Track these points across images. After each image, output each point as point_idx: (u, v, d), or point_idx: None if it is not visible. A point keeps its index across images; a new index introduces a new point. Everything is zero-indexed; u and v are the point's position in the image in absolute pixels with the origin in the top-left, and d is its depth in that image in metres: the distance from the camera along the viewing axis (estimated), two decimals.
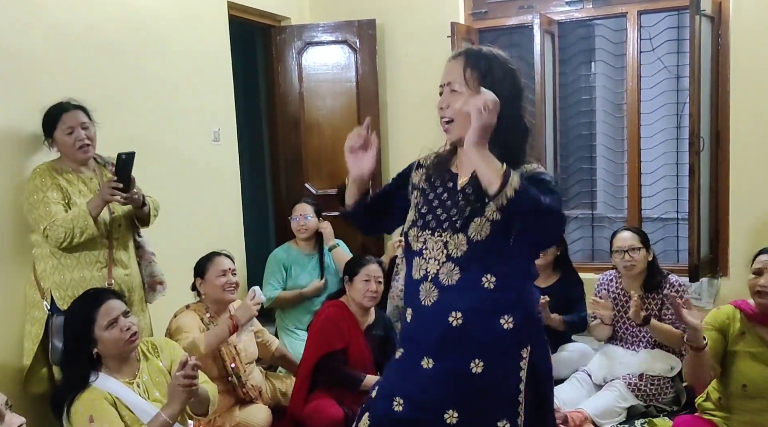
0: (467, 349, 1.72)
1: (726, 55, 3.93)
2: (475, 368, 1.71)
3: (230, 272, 3.00)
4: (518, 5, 4.48)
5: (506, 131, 1.69)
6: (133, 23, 3.41)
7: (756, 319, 2.42)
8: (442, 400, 1.74)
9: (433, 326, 1.75)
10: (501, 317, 1.71)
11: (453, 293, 1.72)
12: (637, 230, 3.40)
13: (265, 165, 5.21)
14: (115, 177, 2.67)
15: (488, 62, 1.72)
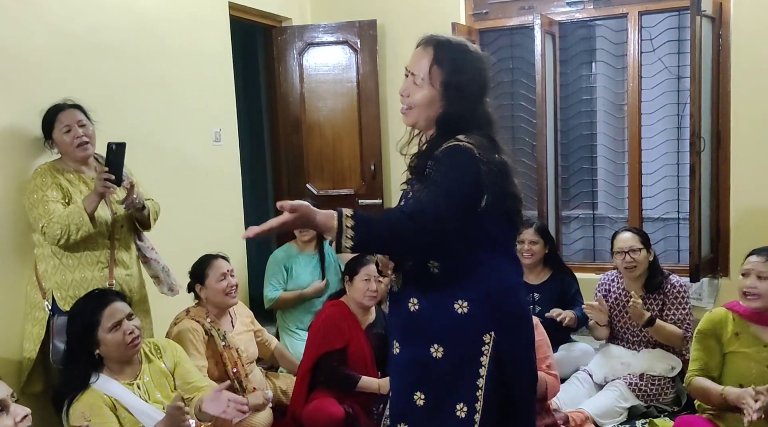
0: (426, 334, 1.77)
1: (727, 55, 3.93)
2: (435, 352, 1.76)
3: (229, 274, 3.00)
4: (519, 6, 4.49)
5: (449, 123, 1.74)
6: (134, 24, 3.42)
7: (749, 318, 2.44)
8: (410, 382, 1.80)
9: (398, 312, 1.83)
10: (455, 302, 1.74)
11: (409, 278, 1.80)
12: (637, 231, 3.41)
13: (266, 166, 5.21)
14: (106, 168, 2.65)
15: (456, 60, 1.74)
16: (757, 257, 2.44)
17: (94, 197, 2.64)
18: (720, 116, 3.98)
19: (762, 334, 2.41)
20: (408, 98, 1.79)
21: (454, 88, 1.73)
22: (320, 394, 2.92)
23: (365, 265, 3.02)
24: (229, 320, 3.09)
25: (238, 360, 2.95)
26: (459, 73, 1.74)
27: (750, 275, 2.40)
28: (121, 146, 2.67)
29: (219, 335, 2.94)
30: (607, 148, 4.81)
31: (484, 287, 1.75)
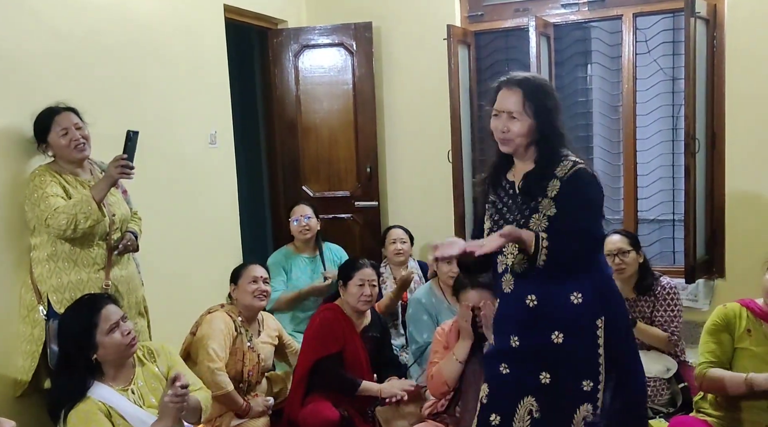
0: (545, 324, 2.08)
1: (721, 57, 3.94)
2: (556, 338, 2.08)
3: (261, 280, 3.09)
4: (514, 8, 4.50)
5: (548, 141, 2.10)
6: (130, 27, 3.42)
7: (764, 317, 2.43)
8: (534, 366, 2.10)
9: (515, 309, 2.13)
10: (570, 294, 2.06)
11: (525, 278, 2.10)
12: (626, 233, 3.40)
13: (262, 168, 5.21)
14: (125, 154, 2.67)
15: (540, 95, 2.10)
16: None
17: (104, 185, 2.64)
18: (715, 118, 3.99)
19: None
20: (509, 133, 2.10)
21: (545, 114, 2.09)
22: (316, 397, 2.92)
23: (359, 269, 3.01)
24: (257, 329, 3.15)
25: (256, 365, 3.02)
26: (546, 101, 2.10)
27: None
28: (136, 135, 2.72)
29: (246, 336, 2.99)
30: (603, 150, 4.82)
31: (591, 278, 2.09)
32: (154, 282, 3.19)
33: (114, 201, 2.85)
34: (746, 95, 3.86)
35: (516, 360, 2.15)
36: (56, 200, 2.61)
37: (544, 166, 2.10)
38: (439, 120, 4.44)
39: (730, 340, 2.45)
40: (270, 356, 3.20)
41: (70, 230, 2.57)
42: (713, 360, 2.46)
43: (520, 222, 2.10)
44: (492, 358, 2.25)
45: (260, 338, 3.13)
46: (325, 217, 4.59)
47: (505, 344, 2.16)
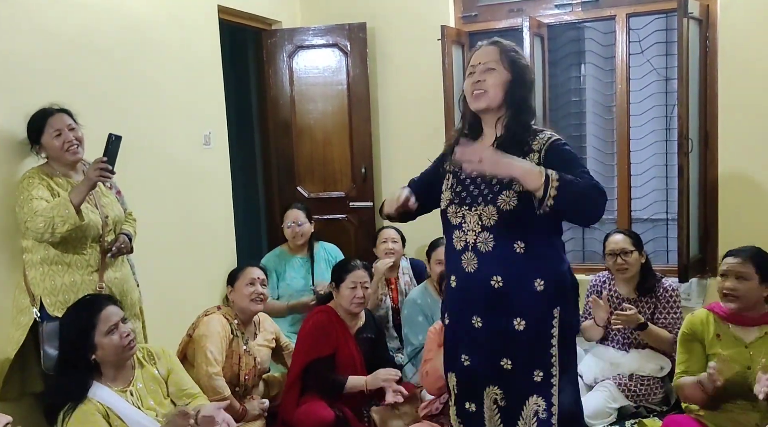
0: (509, 308, 2.02)
1: (714, 57, 3.95)
2: (518, 325, 2.02)
3: (259, 282, 3.07)
4: (508, 8, 4.51)
5: (521, 106, 2.04)
6: (124, 27, 3.42)
7: (729, 319, 2.45)
8: (495, 350, 2.05)
9: (478, 289, 2.04)
10: (534, 281, 2.00)
11: (491, 258, 2.01)
12: (629, 233, 3.42)
13: (256, 168, 5.21)
14: (105, 157, 2.62)
15: (517, 55, 2.06)
16: (734, 258, 2.46)
17: (83, 188, 2.58)
18: (708, 118, 4.01)
19: (742, 334, 2.44)
20: (483, 83, 2.02)
21: (521, 70, 2.04)
22: (310, 398, 2.92)
23: (351, 271, 3.01)
24: (253, 331, 3.14)
25: (253, 368, 3.01)
26: (520, 59, 2.06)
27: (729, 276, 2.42)
28: (118, 139, 2.68)
29: (243, 339, 2.98)
30: (596, 150, 4.84)
31: (554, 266, 2.04)
32: (148, 284, 3.18)
33: (107, 202, 2.84)
34: (739, 95, 3.87)
35: (477, 345, 2.08)
36: (39, 203, 2.57)
37: (516, 131, 2.02)
38: (433, 120, 4.44)
39: (701, 348, 2.48)
40: (267, 358, 3.19)
41: (47, 233, 2.53)
42: (685, 370, 2.49)
43: (487, 197, 2.00)
44: (452, 344, 2.18)
45: (256, 341, 3.13)
46: (320, 218, 4.59)
47: (466, 325, 2.09)
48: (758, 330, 2.42)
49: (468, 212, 2.03)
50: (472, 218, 2.02)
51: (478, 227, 2.00)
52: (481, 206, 2.00)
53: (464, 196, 2.05)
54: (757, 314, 2.41)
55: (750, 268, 2.40)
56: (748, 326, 2.43)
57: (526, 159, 1.95)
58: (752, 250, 2.48)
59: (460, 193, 2.06)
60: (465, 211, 2.04)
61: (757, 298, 2.41)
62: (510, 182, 1.95)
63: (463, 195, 2.06)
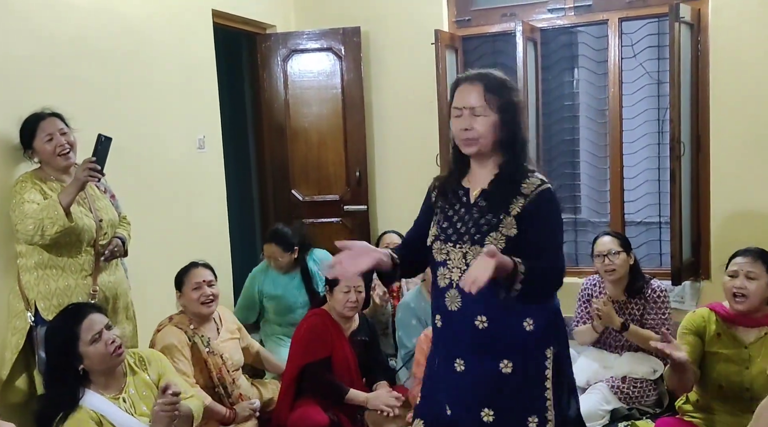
0: (495, 350, 1.92)
1: (705, 61, 3.98)
2: (505, 368, 1.91)
3: (206, 284, 2.98)
4: (501, 13, 4.53)
5: (513, 142, 1.94)
6: (118, 31, 3.42)
7: (731, 320, 2.46)
8: (478, 399, 1.93)
9: (461, 329, 1.94)
10: (523, 321, 1.92)
11: (475, 297, 1.82)
12: (617, 234, 3.44)
13: (251, 172, 5.21)
14: (93, 157, 2.61)
15: (503, 88, 1.94)
16: (743, 257, 2.46)
17: (72, 189, 2.56)
18: (700, 121, 4.03)
19: (742, 335, 2.45)
20: (472, 131, 1.91)
21: (511, 109, 1.93)
22: (305, 402, 2.93)
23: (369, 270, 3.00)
24: (215, 327, 3.10)
25: (222, 366, 2.95)
26: (510, 95, 1.95)
27: (739, 275, 2.42)
28: (108, 140, 2.68)
29: (202, 342, 2.94)
30: (590, 153, 4.85)
31: (544, 306, 1.95)
32: (142, 287, 3.18)
33: (102, 206, 2.84)
34: (730, 99, 3.90)
35: (458, 391, 1.96)
36: (30, 206, 2.56)
37: (511, 173, 1.93)
38: (427, 124, 4.46)
39: (700, 343, 2.48)
40: (236, 350, 3.12)
41: (37, 235, 2.52)
42: None
43: (474, 237, 1.91)
44: (430, 388, 2.06)
45: (221, 337, 3.07)
46: (315, 221, 4.61)
47: (449, 369, 1.97)
48: (758, 331, 2.43)
49: (453, 249, 1.95)
50: (456, 255, 1.94)
51: (463, 264, 1.91)
52: (467, 245, 1.92)
53: (450, 233, 1.97)
54: (759, 314, 2.43)
55: (760, 267, 2.41)
56: (748, 327, 2.45)
57: (512, 201, 1.90)
58: (760, 250, 2.49)
59: (446, 230, 1.98)
60: (450, 248, 1.96)
61: (764, 298, 2.42)
62: (498, 224, 1.89)
63: (449, 232, 1.98)
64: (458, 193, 2.01)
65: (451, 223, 1.98)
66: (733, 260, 2.49)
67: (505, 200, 1.90)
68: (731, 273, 2.45)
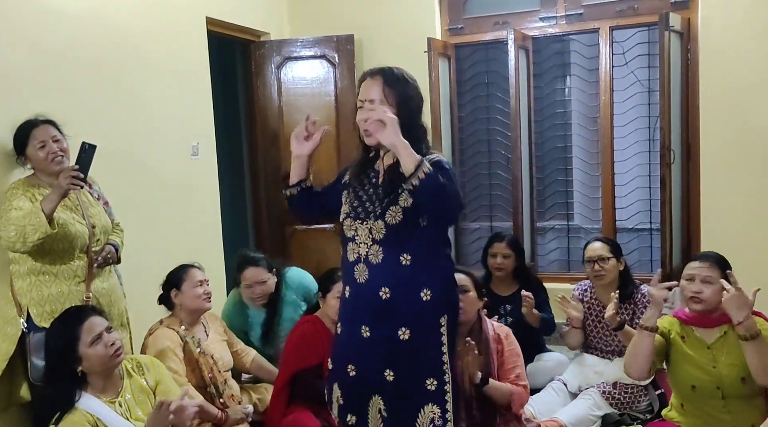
0: (395, 318, 2.09)
1: (695, 69, 4.03)
2: (403, 335, 2.08)
3: (205, 283, 3.06)
4: (493, 21, 4.57)
5: (414, 133, 2.06)
6: (112, 39, 3.44)
7: (692, 322, 2.53)
8: (380, 361, 2.11)
9: (368, 300, 2.11)
10: (421, 291, 2.08)
11: (380, 270, 2.09)
12: (607, 240, 3.46)
13: (244, 179, 5.22)
14: (77, 166, 2.61)
15: (401, 83, 2.10)
16: (700, 262, 2.53)
17: (55, 196, 2.54)
18: (690, 129, 4.07)
19: (704, 336, 2.51)
20: (369, 122, 2.03)
21: (406, 102, 2.08)
22: (297, 407, 2.93)
23: (338, 282, 3.02)
24: (203, 330, 3.12)
25: (213, 366, 2.98)
26: (406, 89, 2.10)
27: (695, 280, 2.49)
28: (92, 148, 2.67)
29: (194, 342, 2.96)
30: (581, 160, 4.89)
31: (440, 276, 2.12)
32: (136, 294, 3.18)
33: (95, 213, 2.85)
34: (720, 107, 3.94)
35: (363, 354, 2.14)
36: (16, 213, 2.55)
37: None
38: None
39: (663, 341, 2.54)
40: (225, 351, 3.14)
41: (19, 242, 2.51)
42: None
43: (377, 212, 2.08)
44: (340, 354, 2.23)
45: (210, 339, 3.09)
46: (307, 227, 4.62)
47: (356, 334, 2.14)
48: (718, 330, 2.49)
49: (360, 226, 2.12)
50: (363, 231, 2.10)
51: (369, 240, 2.09)
52: (371, 221, 2.09)
53: (359, 211, 2.14)
54: (717, 314, 2.49)
55: (716, 272, 2.48)
56: (709, 328, 2.50)
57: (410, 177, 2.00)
58: (716, 255, 2.56)
59: (356, 208, 2.15)
60: (358, 225, 2.12)
61: (720, 301, 2.48)
62: (396, 198, 2.06)
63: (358, 210, 2.14)
64: (370, 176, 2.17)
65: (361, 202, 2.15)
66: (689, 265, 2.57)
67: (403, 176, 1.98)
68: (688, 277, 2.53)
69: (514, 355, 2.80)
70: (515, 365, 2.79)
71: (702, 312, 2.48)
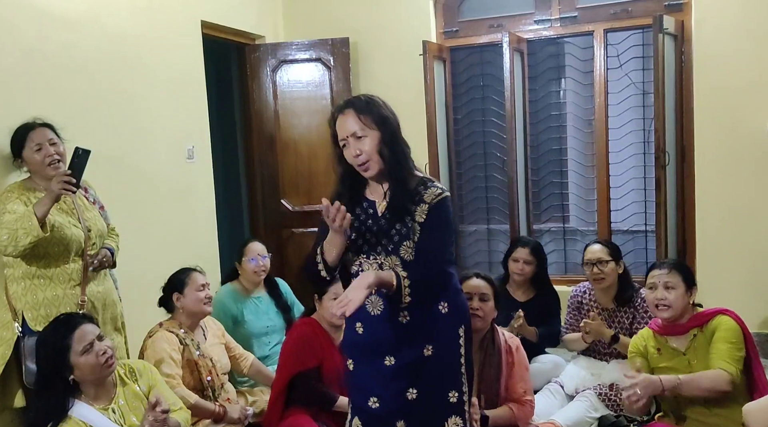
0: (419, 339, 2.06)
1: (689, 72, 4.04)
2: (427, 352, 2.07)
3: (206, 287, 3.07)
4: (488, 24, 4.58)
5: (398, 151, 2.05)
6: (107, 42, 3.43)
7: (664, 332, 2.55)
8: (405, 383, 2.07)
9: (387, 329, 2.07)
10: (438, 304, 2.07)
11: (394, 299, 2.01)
12: (607, 243, 3.46)
13: (240, 182, 5.22)
14: (69, 171, 2.59)
15: (372, 106, 2.06)
16: (659, 269, 2.57)
17: (47, 200, 2.53)
18: (684, 131, 4.09)
19: (677, 344, 2.54)
20: (362, 154, 2.01)
21: (384, 124, 2.04)
22: (294, 411, 2.92)
23: (334, 284, 3.02)
24: (201, 333, 3.12)
25: (212, 369, 2.98)
26: (380, 110, 2.06)
27: (657, 287, 2.53)
28: (86, 153, 2.65)
29: (193, 345, 2.96)
30: (576, 162, 4.90)
31: (451, 285, 2.11)
32: (131, 298, 3.18)
33: (90, 217, 2.84)
34: (714, 109, 3.96)
35: (387, 383, 2.08)
36: (9, 217, 2.55)
37: (401, 181, 2.04)
38: (415, 134, 4.43)
39: (646, 362, 2.58)
40: (223, 354, 3.15)
41: (11, 246, 2.50)
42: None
43: (387, 247, 2.04)
44: (359, 389, 2.16)
45: (208, 342, 3.10)
46: (305, 231, 4.61)
47: (378, 366, 2.08)
48: (689, 335, 2.53)
49: (366, 261, 2.08)
50: (371, 266, 2.06)
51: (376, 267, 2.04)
52: (382, 256, 2.05)
53: (360, 244, 2.08)
54: (684, 320, 2.52)
55: (676, 277, 2.51)
56: (680, 335, 2.53)
57: (417, 209, 2.02)
58: (675, 261, 2.62)
59: (356, 241, 2.08)
60: (363, 260, 2.08)
61: (685, 305, 2.52)
62: (408, 233, 2.02)
63: (359, 242, 2.08)
64: (364, 206, 2.10)
65: (360, 233, 2.08)
66: (651, 273, 2.62)
67: (408, 209, 2.02)
68: (650, 285, 2.58)
69: (523, 368, 2.82)
70: (523, 379, 2.81)
71: (670, 319, 2.51)
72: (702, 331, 2.49)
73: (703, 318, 2.52)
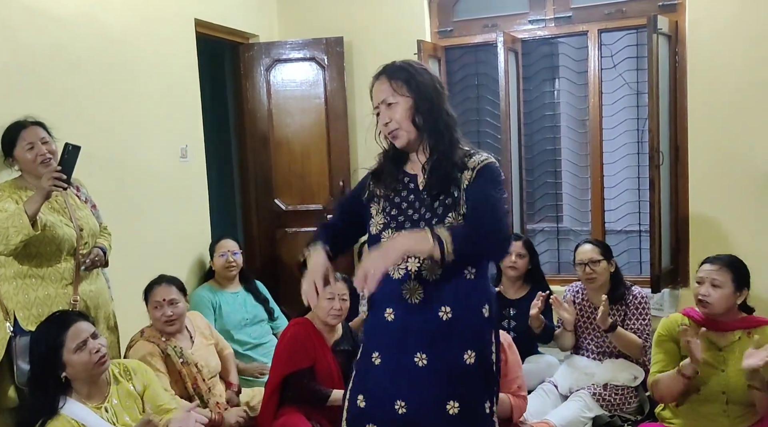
0: (459, 341, 1.84)
1: (683, 72, 4.05)
2: (469, 359, 1.84)
3: (166, 303, 2.95)
4: (483, 24, 4.58)
5: (437, 122, 1.88)
6: (100, 41, 3.41)
7: (704, 324, 2.51)
8: (441, 392, 1.84)
9: (423, 322, 1.84)
10: (482, 307, 1.87)
11: (439, 287, 1.82)
12: (598, 242, 3.47)
13: (233, 181, 5.20)
14: (59, 167, 2.57)
15: (406, 71, 1.90)
16: (711, 265, 2.52)
17: (38, 198, 2.52)
18: (678, 131, 4.10)
19: (716, 338, 2.50)
20: (392, 122, 1.88)
21: (419, 90, 1.86)
22: (288, 410, 2.92)
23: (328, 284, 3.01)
24: (187, 336, 3.08)
25: (197, 375, 2.94)
26: (416, 75, 1.88)
27: (704, 282, 2.48)
28: (76, 149, 2.63)
29: (176, 353, 2.92)
30: (570, 163, 4.91)
31: (490, 288, 1.94)
32: (124, 297, 3.16)
33: (82, 215, 2.83)
34: (708, 109, 3.97)
35: (418, 386, 1.85)
36: (0, 215, 2.53)
37: (445, 151, 1.86)
38: None
39: (676, 348, 2.53)
40: (212, 356, 3.11)
41: (1, 244, 2.49)
42: (661, 369, 2.53)
43: (431, 221, 1.83)
44: (384, 388, 1.89)
45: (195, 345, 3.06)
46: (298, 230, 4.61)
47: (408, 364, 1.85)
48: (732, 335, 2.48)
49: None
50: None
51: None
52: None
53: (402, 220, 1.88)
54: (731, 318, 2.47)
55: (726, 275, 2.46)
56: (722, 331, 2.49)
57: (461, 176, 1.86)
58: (729, 258, 2.54)
59: (397, 217, 1.89)
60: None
61: (729, 305, 2.47)
62: (453, 204, 1.83)
63: (400, 219, 1.88)
64: (404, 180, 1.94)
65: (401, 210, 1.90)
66: (702, 267, 2.56)
67: (451, 178, 1.84)
68: (698, 280, 2.53)
69: (516, 365, 2.83)
70: (516, 376, 2.81)
71: (709, 315, 2.47)
72: (749, 335, 2.43)
73: (753, 322, 2.48)
